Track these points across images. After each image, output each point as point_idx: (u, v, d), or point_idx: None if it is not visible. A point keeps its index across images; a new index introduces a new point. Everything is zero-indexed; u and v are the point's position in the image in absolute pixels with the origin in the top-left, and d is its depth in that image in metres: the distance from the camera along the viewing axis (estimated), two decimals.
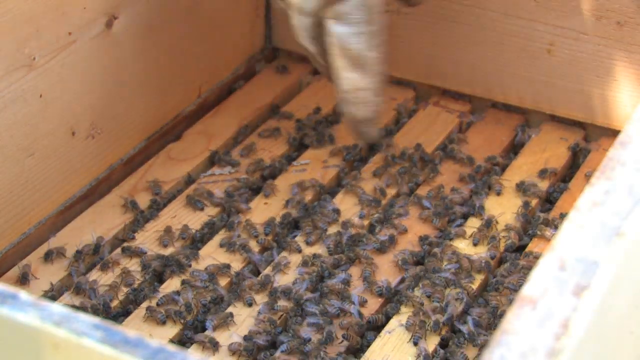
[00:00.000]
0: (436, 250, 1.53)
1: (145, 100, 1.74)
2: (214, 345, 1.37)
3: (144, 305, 1.44)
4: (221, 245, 1.55)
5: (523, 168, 1.73)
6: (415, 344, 1.39)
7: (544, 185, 1.68)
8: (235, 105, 1.89)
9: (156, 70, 1.75)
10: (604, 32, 1.70)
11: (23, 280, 1.47)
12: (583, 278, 0.83)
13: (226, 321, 1.41)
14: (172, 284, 1.49)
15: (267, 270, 1.51)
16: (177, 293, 1.46)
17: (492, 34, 1.79)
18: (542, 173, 1.70)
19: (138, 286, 1.48)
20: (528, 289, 0.82)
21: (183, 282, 1.48)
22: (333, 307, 1.42)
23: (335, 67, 1.46)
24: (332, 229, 1.59)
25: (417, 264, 1.53)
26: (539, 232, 1.56)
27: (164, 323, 1.42)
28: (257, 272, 1.52)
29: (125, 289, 1.47)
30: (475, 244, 1.56)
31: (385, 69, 1.48)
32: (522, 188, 1.66)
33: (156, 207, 1.64)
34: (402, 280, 1.49)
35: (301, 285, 1.47)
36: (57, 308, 0.81)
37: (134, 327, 1.41)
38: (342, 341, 1.37)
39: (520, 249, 1.57)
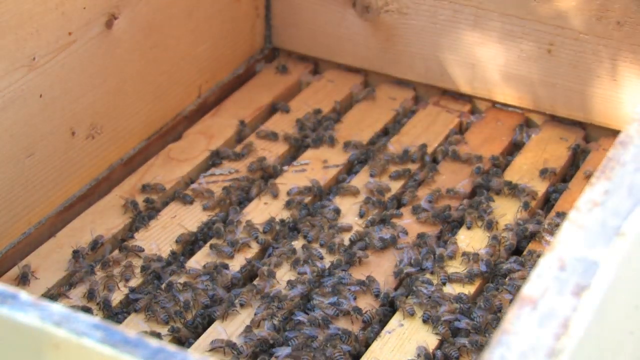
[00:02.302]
0: (436, 249, 1.54)
1: (145, 100, 1.74)
2: (233, 347, 1.37)
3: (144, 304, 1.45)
4: (228, 243, 1.56)
5: (523, 168, 1.73)
6: (425, 321, 1.40)
7: (542, 186, 1.68)
8: (235, 105, 1.89)
9: (156, 70, 1.75)
10: (604, 32, 1.70)
11: (23, 280, 1.47)
12: (583, 278, 0.83)
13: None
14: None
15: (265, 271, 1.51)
16: (177, 292, 1.46)
17: (492, 34, 1.79)
18: (543, 172, 1.70)
19: (137, 287, 1.48)
20: (528, 289, 0.82)
21: (184, 285, 1.48)
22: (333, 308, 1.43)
23: None
24: (332, 229, 1.59)
25: (417, 264, 1.53)
26: (537, 238, 1.57)
27: (166, 323, 1.42)
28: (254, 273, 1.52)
29: (123, 285, 1.47)
30: (469, 227, 1.58)
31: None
32: (512, 189, 1.66)
33: (152, 207, 1.64)
34: (401, 284, 1.49)
35: (300, 287, 1.47)
36: (57, 308, 0.81)
37: (134, 327, 1.41)
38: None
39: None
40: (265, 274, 1.48)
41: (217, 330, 1.41)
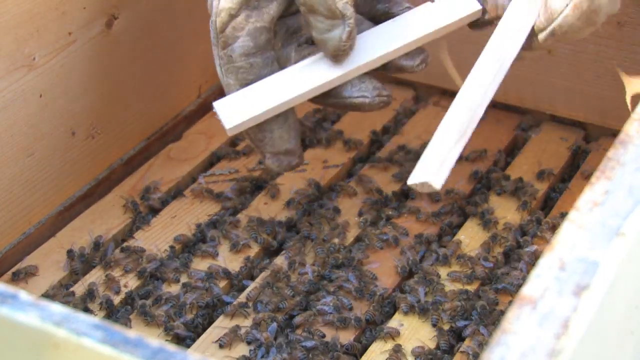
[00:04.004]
0: (435, 249, 1.54)
1: (145, 100, 1.74)
2: (237, 330, 1.39)
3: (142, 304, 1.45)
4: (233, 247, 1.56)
5: (523, 168, 1.73)
6: (434, 325, 1.40)
7: (541, 186, 1.68)
8: None
9: (156, 70, 1.75)
10: (604, 32, 1.70)
11: (15, 276, 1.47)
12: (583, 278, 0.83)
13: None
14: (171, 284, 1.49)
15: (264, 274, 1.51)
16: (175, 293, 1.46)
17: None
18: (540, 174, 1.69)
19: (135, 289, 1.48)
20: (528, 289, 0.82)
21: (183, 285, 1.48)
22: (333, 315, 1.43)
23: None
24: (331, 230, 1.59)
25: (417, 265, 1.53)
26: (539, 233, 1.57)
27: (165, 325, 1.42)
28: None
29: (123, 285, 1.48)
30: (473, 215, 1.59)
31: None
32: (517, 193, 1.66)
33: (152, 208, 1.64)
34: (402, 287, 1.49)
35: (301, 287, 1.47)
36: (57, 308, 0.81)
37: (135, 327, 1.41)
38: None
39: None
40: (276, 274, 1.49)
41: (215, 332, 1.41)
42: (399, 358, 1.35)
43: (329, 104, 1.35)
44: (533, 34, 1.32)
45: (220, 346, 1.38)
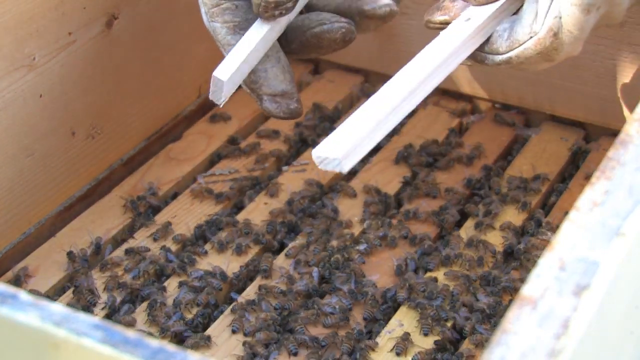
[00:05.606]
0: (435, 249, 1.54)
1: (145, 100, 1.74)
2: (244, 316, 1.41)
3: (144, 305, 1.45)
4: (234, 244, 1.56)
5: (523, 168, 1.73)
6: (426, 334, 1.40)
7: (541, 187, 1.68)
8: (235, 105, 1.89)
9: (156, 70, 1.75)
10: (604, 32, 1.70)
11: (16, 283, 1.47)
12: (583, 278, 0.83)
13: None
14: (171, 284, 1.49)
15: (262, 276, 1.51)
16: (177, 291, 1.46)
17: None
18: (535, 179, 1.69)
19: (132, 289, 1.48)
20: (528, 289, 0.82)
21: (180, 284, 1.48)
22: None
23: None
24: (332, 230, 1.59)
25: (416, 265, 1.53)
26: (539, 236, 1.56)
27: (165, 326, 1.42)
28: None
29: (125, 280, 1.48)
30: (476, 215, 1.59)
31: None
32: (517, 193, 1.65)
33: (152, 208, 1.64)
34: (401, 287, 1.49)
35: (303, 284, 1.47)
36: (57, 308, 0.81)
37: (136, 327, 1.41)
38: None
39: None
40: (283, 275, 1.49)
41: (219, 327, 1.41)
42: (406, 346, 1.35)
43: (299, 49, 1.35)
44: (488, 51, 1.32)
45: (233, 331, 1.40)
